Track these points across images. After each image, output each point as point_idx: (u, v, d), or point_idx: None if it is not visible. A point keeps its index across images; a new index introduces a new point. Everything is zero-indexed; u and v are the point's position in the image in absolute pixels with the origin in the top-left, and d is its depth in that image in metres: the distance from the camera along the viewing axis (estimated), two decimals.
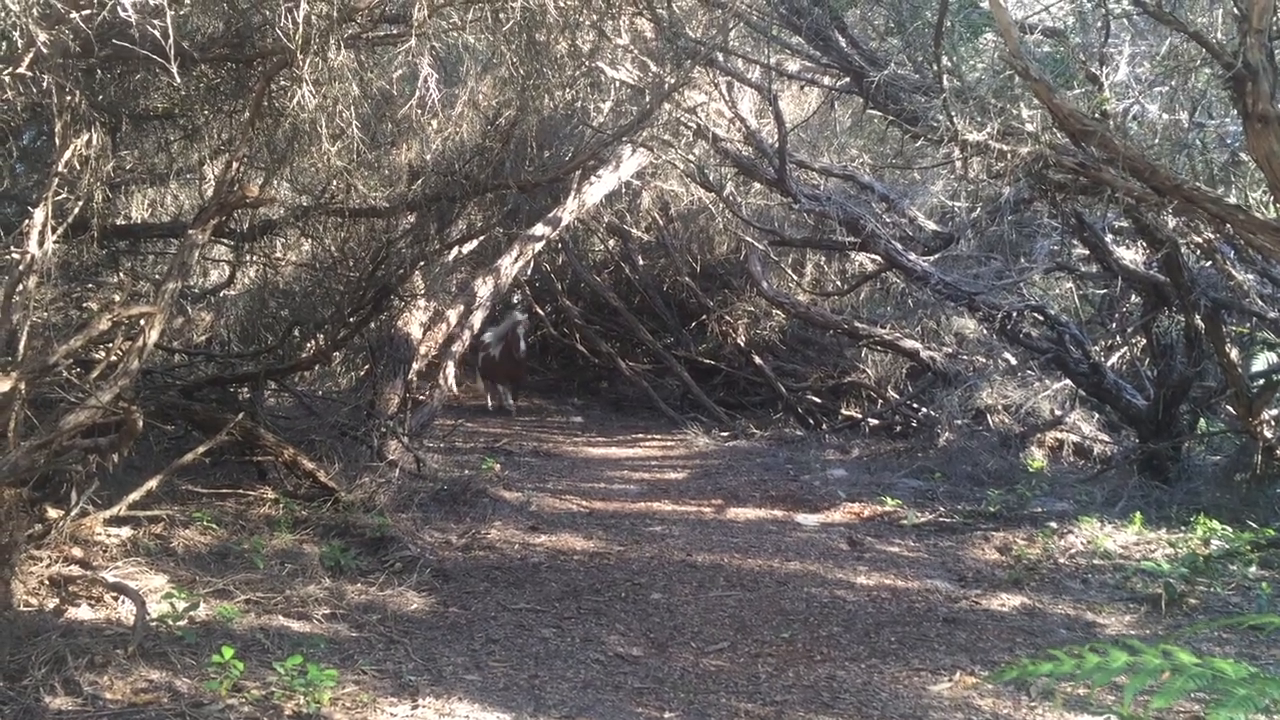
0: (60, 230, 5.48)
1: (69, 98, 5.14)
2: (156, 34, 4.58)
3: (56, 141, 5.34)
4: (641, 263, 15.23)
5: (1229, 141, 7.31)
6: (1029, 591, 6.77)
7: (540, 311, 16.45)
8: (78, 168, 5.49)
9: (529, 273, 14.73)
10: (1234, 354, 8.51)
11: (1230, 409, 8.95)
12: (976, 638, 5.94)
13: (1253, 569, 6.97)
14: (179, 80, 5.17)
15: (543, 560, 7.42)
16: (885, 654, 5.68)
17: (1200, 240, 7.80)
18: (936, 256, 9.94)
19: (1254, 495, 8.40)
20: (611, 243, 15.42)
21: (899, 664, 5.54)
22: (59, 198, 5.39)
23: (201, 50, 5.74)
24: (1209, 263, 8.33)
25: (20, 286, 5.21)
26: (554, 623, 6.09)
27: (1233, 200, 5.12)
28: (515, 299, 16.07)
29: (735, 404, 14.84)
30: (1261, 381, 9.74)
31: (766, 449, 12.32)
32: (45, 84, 4.94)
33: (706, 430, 13.39)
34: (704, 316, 14.36)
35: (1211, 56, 4.86)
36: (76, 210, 5.69)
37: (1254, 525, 7.32)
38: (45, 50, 4.59)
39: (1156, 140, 7.15)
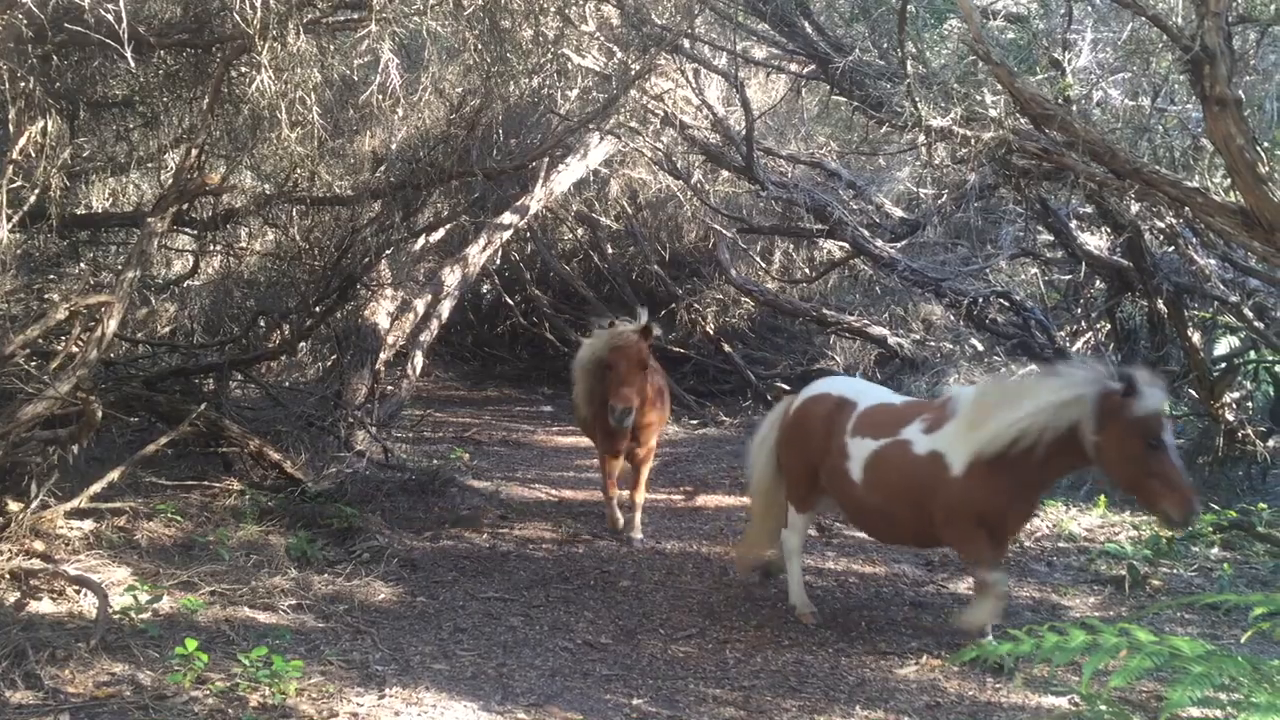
0: (16, 219, 5.40)
1: (23, 84, 5.05)
2: (111, 19, 4.51)
3: (10, 129, 5.26)
4: (610, 251, 15.19)
5: (1190, 127, 7.36)
6: None
7: (509, 301, 16.39)
8: (33, 156, 5.40)
9: (498, 262, 14.66)
10: (1196, 338, 8.59)
11: (1193, 392, 9.03)
12: (943, 621, 5.99)
13: (1215, 550, 7.07)
14: (135, 66, 5.09)
15: (511, 549, 7.40)
16: (853, 638, 5.71)
17: (1163, 225, 7.88)
18: (903, 243, 9.96)
19: (1216, 478, 8.50)
20: (580, 231, 15.37)
21: (866, 648, 5.57)
22: (14, 186, 5.30)
23: (159, 36, 5.66)
24: (1171, 248, 8.41)
25: None
26: (522, 611, 6.08)
27: (1192, 184, 5.16)
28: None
29: (705, 392, 14.83)
30: (1223, 365, 9.83)
31: (736, 437, 12.33)
32: None
33: (676, 418, 13.38)
34: (673, 305, 14.33)
35: (1171, 41, 4.89)
36: (33, 199, 5.60)
37: (1216, 507, 7.41)
38: None
39: (1120, 125, 7.21)
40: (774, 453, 6.25)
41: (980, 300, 9.47)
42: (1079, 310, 11.25)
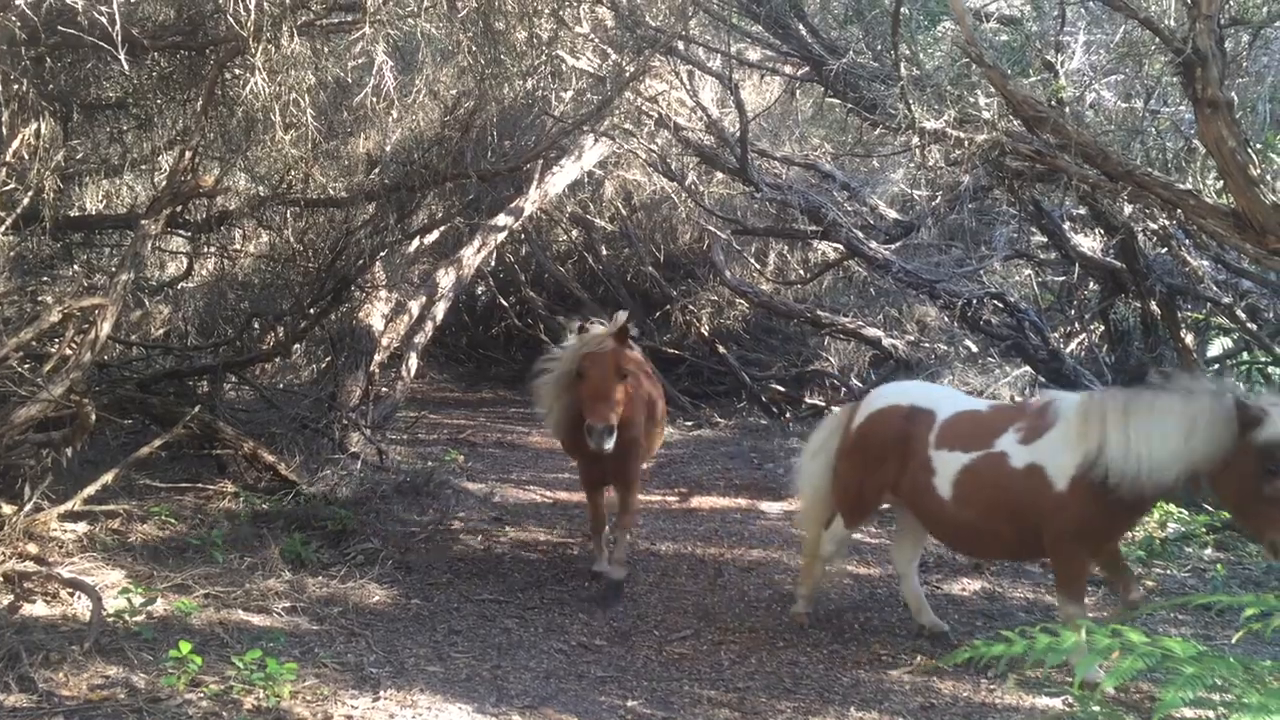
0: (9, 221, 5.40)
1: (16, 86, 5.05)
2: (105, 21, 4.50)
3: (4, 131, 5.25)
4: (605, 253, 15.20)
5: (1183, 129, 7.39)
6: (989, 576, 6.84)
7: (504, 302, 16.39)
8: (26, 158, 5.40)
9: (492, 264, 14.66)
10: (1189, 339, 8.62)
11: None
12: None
13: (1208, 551, 7.08)
14: (129, 69, 5.09)
15: (506, 551, 7.40)
16: (847, 640, 5.72)
17: (1156, 227, 7.90)
18: (898, 245, 9.98)
19: None
20: (575, 233, 15.37)
21: (861, 649, 5.58)
22: (7, 188, 5.30)
23: (153, 38, 5.66)
24: (1164, 249, 8.43)
25: None
26: (517, 613, 6.08)
27: (1184, 185, 5.17)
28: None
29: (700, 393, 14.84)
30: (1216, 366, 9.87)
31: (731, 438, 12.35)
32: None
33: (671, 420, 13.39)
34: (668, 306, 14.34)
35: (1163, 43, 4.91)
36: (26, 201, 5.60)
37: (1209, 508, 7.42)
38: None
39: (1112, 127, 7.22)
40: (831, 465, 5.88)
41: (974, 302, 9.49)
42: (1073, 312, 11.29)
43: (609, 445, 5.87)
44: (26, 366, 6.01)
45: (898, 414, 5.55)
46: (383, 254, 9.69)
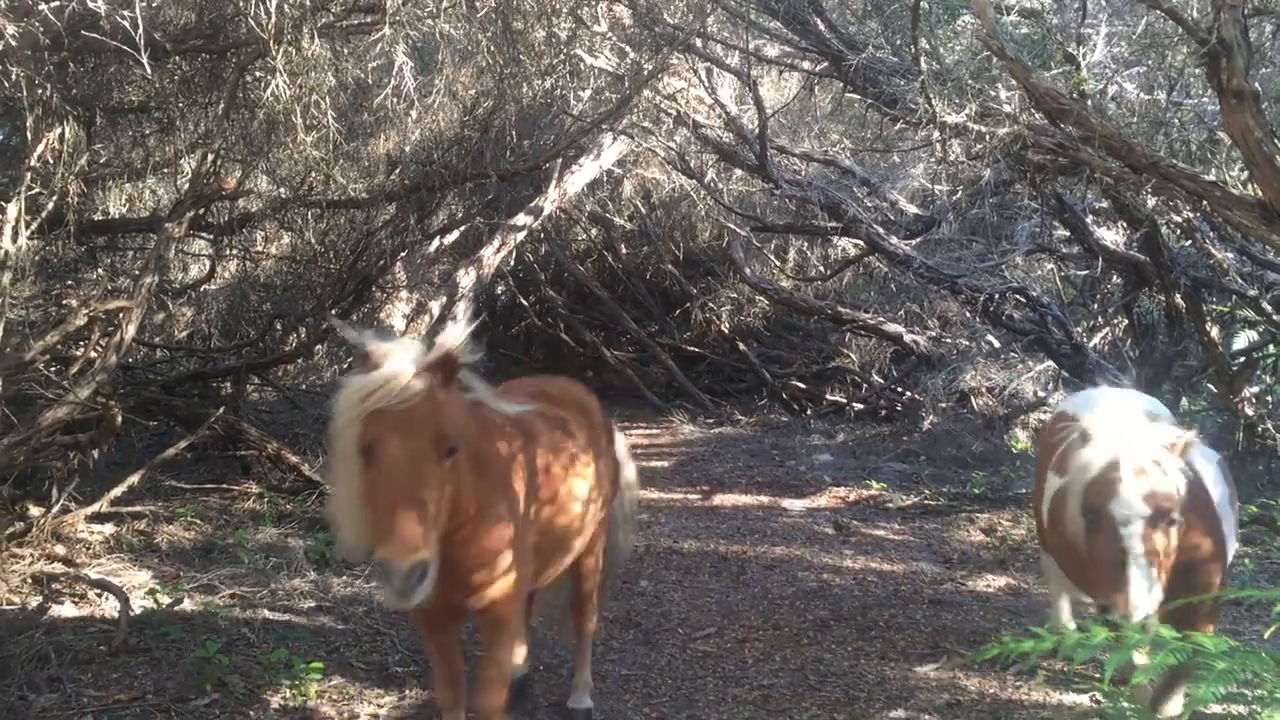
0: (35, 225, 5.44)
1: (40, 91, 5.09)
2: (127, 26, 4.53)
3: (28, 135, 5.30)
4: (624, 251, 15.19)
5: (1207, 120, 7.32)
6: (1014, 572, 6.80)
7: (524, 302, 16.42)
8: (50, 162, 5.45)
9: (512, 263, 14.67)
10: (1215, 332, 8.54)
11: (1212, 387, 8.98)
12: (962, 619, 5.97)
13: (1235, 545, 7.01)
14: (151, 72, 5.11)
15: None
16: (872, 637, 5.70)
17: (1180, 219, 7.83)
18: (918, 240, 9.94)
19: (1236, 473, 8.41)
20: (594, 232, 15.37)
21: (885, 646, 5.55)
22: (32, 192, 5.34)
23: (174, 42, 5.69)
24: (1189, 242, 8.36)
25: None
26: (539, 612, 6.07)
27: (1209, 177, 5.12)
28: None
29: (720, 391, 14.85)
30: (1242, 359, 9.77)
31: (752, 435, 12.33)
32: (14, 77, 4.89)
33: (692, 418, 13.40)
34: (688, 304, 14.35)
35: (1187, 34, 4.86)
36: (51, 205, 5.64)
37: (1237, 503, 7.35)
38: (14, 43, 4.54)
39: (1135, 119, 7.17)
40: None
41: (996, 296, 9.44)
42: (1096, 306, 11.22)
43: (418, 597, 3.02)
44: (53, 369, 6.07)
45: (1059, 422, 4.75)
46: (403, 254, 9.73)
